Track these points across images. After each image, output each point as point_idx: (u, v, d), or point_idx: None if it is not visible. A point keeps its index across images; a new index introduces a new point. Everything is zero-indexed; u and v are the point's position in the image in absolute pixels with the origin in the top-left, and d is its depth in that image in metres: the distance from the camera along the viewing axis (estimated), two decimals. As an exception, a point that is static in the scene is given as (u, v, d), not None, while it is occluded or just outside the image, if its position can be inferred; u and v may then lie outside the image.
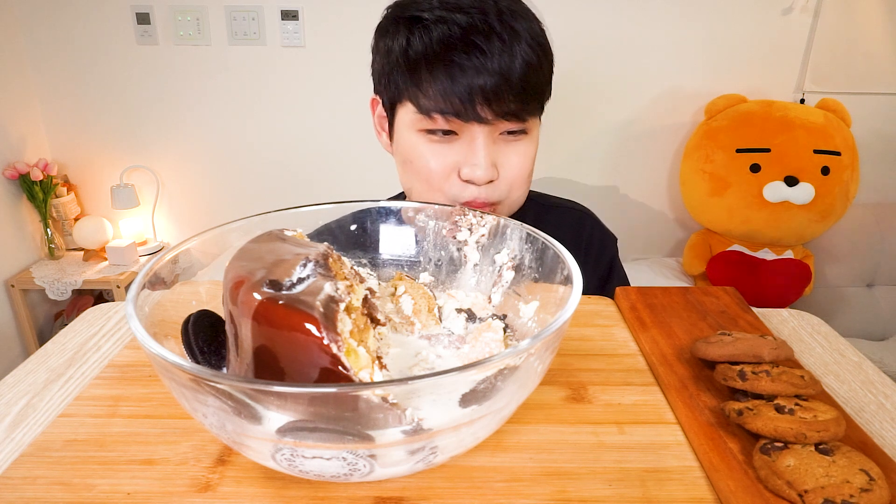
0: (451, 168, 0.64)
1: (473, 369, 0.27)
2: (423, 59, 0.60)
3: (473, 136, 0.62)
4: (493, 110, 0.60)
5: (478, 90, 0.59)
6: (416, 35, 0.61)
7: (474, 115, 0.60)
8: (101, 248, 1.97)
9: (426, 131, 0.63)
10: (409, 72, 0.61)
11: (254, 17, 1.85)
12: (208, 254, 0.41)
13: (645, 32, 1.86)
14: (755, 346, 0.39)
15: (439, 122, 0.61)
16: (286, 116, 1.98)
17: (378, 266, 0.50)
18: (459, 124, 0.62)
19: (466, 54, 0.59)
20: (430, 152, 0.64)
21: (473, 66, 0.58)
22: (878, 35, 1.85)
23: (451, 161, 0.64)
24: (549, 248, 0.41)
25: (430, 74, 0.60)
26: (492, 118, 0.60)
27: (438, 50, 0.59)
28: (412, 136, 0.65)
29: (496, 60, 0.59)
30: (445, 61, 0.59)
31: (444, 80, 0.59)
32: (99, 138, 2.00)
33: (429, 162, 0.64)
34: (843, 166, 1.69)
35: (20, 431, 0.38)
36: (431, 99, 0.60)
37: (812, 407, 0.34)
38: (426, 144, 0.64)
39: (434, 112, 0.61)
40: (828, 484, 0.29)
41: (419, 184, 0.67)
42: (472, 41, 0.59)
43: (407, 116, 0.64)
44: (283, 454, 0.28)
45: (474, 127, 0.61)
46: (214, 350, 0.36)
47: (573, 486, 0.33)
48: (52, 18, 1.87)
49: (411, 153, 0.65)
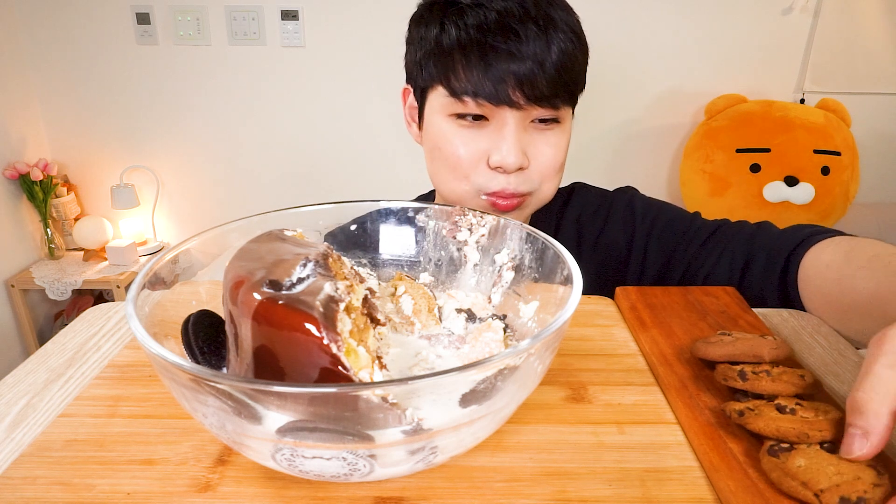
0: (480, 155, 0.63)
1: (473, 369, 0.27)
2: (457, 42, 0.60)
3: (504, 122, 0.61)
4: (525, 94, 0.59)
5: (511, 74, 0.58)
6: (451, 20, 0.61)
7: (506, 98, 0.59)
8: (101, 248, 1.97)
9: (456, 116, 0.63)
10: (443, 55, 0.61)
11: (254, 17, 1.86)
12: (208, 254, 0.41)
13: (645, 32, 1.86)
14: (755, 346, 0.39)
15: (470, 105, 0.61)
16: (286, 116, 1.98)
17: (378, 266, 0.50)
18: (490, 109, 0.61)
19: (502, 38, 0.58)
20: (459, 138, 0.63)
21: (508, 51, 0.58)
22: (878, 35, 1.85)
23: (481, 148, 0.63)
24: (549, 248, 0.41)
25: (464, 57, 0.60)
26: (524, 103, 0.60)
27: (473, 34, 0.59)
28: (442, 121, 0.64)
29: (531, 45, 0.58)
30: (480, 45, 0.59)
31: (477, 62, 0.59)
32: (99, 138, 2.01)
33: (458, 148, 0.63)
34: (843, 166, 1.69)
35: (20, 431, 0.38)
36: (463, 81, 0.60)
37: (813, 407, 0.34)
38: (456, 129, 0.63)
39: (465, 94, 0.60)
40: (841, 482, 0.29)
41: (446, 172, 0.66)
42: (508, 25, 0.58)
43: (437, 101, 0.64)
44: (283, 454, 0.28)
45: (505, 112, 0.61)
46: (214, 350, 0.36)
47: (573, 486, 0.33)
48: (52, 18, 1.87)
49: (440, 139, 0.64)
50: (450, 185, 0.66)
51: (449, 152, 0.64)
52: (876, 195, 2.01)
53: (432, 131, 0.66)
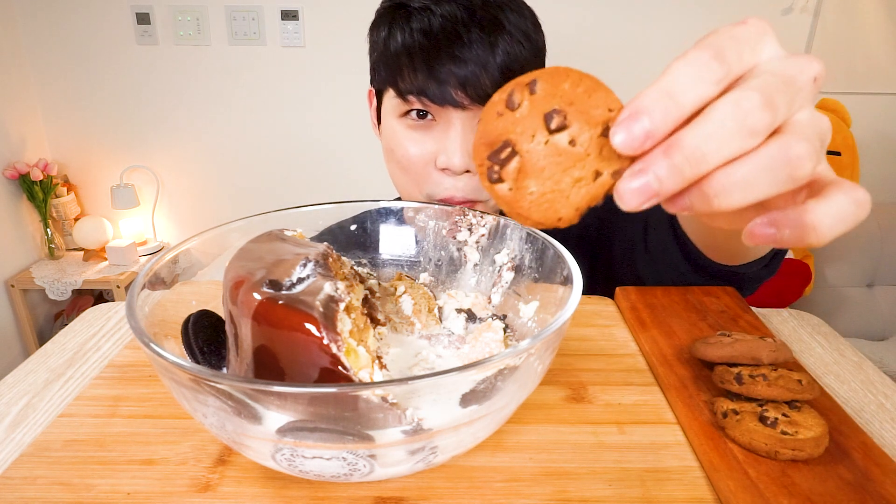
0: (429, 157, 0.64)
1: (473, 369, 0.27)
2: (402, 46, 0.62)
3: (450, 123, 0.62)
4: (468, 95, 0.60)
5: (453, 75, 0.59)
6: (398, 24, 0.63)
7: (450, 98, 0.60)
8: (101, 248, 1.97)
9: (405, 114, 0.64)
10: (391, 58, 0.63)
11: (254, 17, 1.86)
12: (208, 254, 0.41)
13: (645, 32, 1.86)
14: (754, 348, 0.39)
15: (415, 104, 0.62)
16: (286, 116, 1.98)
17: (378, 266, 0.50)
18: (437, 109, 0.62)
19: (445, 42, 0.60)
20: (408, 138, 0.64)
21: (451, 54, 0.59)
22: (878, 35, 1.85)
23: (429, 149, 0.64)
24: (549, 248, 0.41)
25: (410, 60, 0.61)
26: (468, 103, 0.60)
27: (418, 37, 0.61)
28: (394, 122, 0.66)
29: (474, 49, 0.59)
30: (423, 48, 0.60)
31: (420, 65, 0.60)
32: (99, 138, 2.01)
33: (408, 149, 0.64)
34: (843, 166, 1.69)
35: (20, 431, 0.38)
36: (409, 82, 0.61)
37: (799, 421, 0.34)
38: (405, 130, 0.65)
39: (410, 94, 0.62)
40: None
41: (401, 174, 0.67)
42: (453, 30, 0.60)
43: (390, 103, 0.66)
44: (283, 454, 0.28)
45: (451, 113, 0.62)
46: (214, 350, 0.37)
47: (573, 486, 0.33)
48: (52, 18, 1.87)
49: (392, 140, 0.66)
50: (405, 189, 0.68)
51: (400, 154, 0.65)
52: (876, 195, 2.01)
53: (387, 133, 0.67)
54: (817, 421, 0.34)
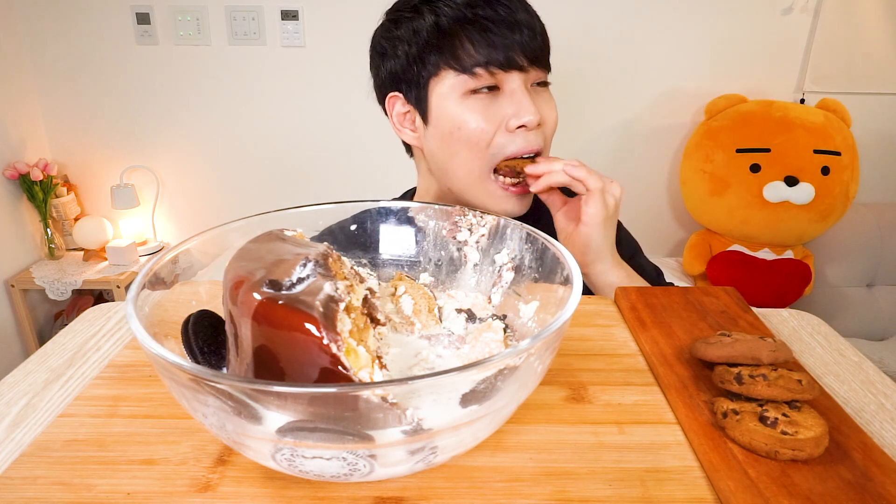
0: (500, 123, 0.67)
1: (473, 369, 0.27)
2: (455, 23, 0.65)
3: (515, 87, 0.66)
4: (527, 57, 0.65)
5: (511, 40, 0.64)
6: (438, 5, 0.66)
7: (514, 62, 0.65)
8: (101, 248, 1.97)
9: (471, 92, 0.66)
10: (445, 37, 0.66)
11: (254, 17, 1.85)
12: (208, 254, 0.41)
13: (645, 32, 1.86)
14: (754, 348, 0.39)
15: (483, 77, 0.65)
16: (286, 116, 1.98)
17: (378, 266, 0.50)
18: (501, 76, 0.66)
19: (493, 10, 0.65)
20: (477, 111, 0.66)
21: (503, 20, 0.64)
22: (878, 35, 1.85)
23: (500, 115, 0.67)
24: (549, 249, 0.41)
25: (466, 35, 0.65)
26: (527, 65, 0.66)
27: (467, 12, 0.65)
28: (456, 103, 0.67)
29: (520, 13, 0.65)
30: (477, 20, 0.65)
31: (479, 36, 0.64)
32: (99, 138, 2.00)
33: (480, 122, 0.66)
34: (843, 166, 1.69)
35: (20, 431, 0.38)
36: (472, 55, 0.65)
37: (799, 421, 0.34)
38: (473, 105, 0.67)
39: (477, 66, 0.65)
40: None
41: (466, 151, 0.68)
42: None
43: (446, 85, 0.67)
44: (283, 454, 0.28)
45: (513, 77, 0.66)
46: (214, 350, 0.37)
47: (573, 486, 0.33)
48: (52, 18, 1.87)
49: (458, 120, 0.67)
50: (468, 166, 0.69)
51: (470, 130, 0.67)
52: (876, 195, 2.01)
53: (446, 117, 0.68)
54: (817, 421, 0.34)
